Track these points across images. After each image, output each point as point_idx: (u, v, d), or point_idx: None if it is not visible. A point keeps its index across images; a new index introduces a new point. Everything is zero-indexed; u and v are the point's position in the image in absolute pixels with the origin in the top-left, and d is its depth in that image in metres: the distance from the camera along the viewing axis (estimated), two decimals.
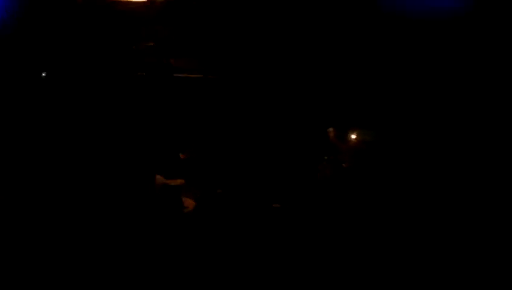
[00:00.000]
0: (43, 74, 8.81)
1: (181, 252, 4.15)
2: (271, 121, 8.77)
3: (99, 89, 8.82)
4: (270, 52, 8.72)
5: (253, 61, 8.84)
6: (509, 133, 7.31)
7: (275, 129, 8.72)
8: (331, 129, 8.17)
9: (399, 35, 7.97)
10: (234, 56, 8.91)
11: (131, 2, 8.59)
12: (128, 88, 9.06)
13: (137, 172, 7.92)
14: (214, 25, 8.70)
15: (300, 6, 8.38)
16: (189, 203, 7.44)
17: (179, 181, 8.25)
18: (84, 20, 8.60)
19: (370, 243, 4.80)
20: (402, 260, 4.16)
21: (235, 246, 4.39)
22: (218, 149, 8.83)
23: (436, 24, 7.79)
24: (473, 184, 6.85)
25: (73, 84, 8.90)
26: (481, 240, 4.65)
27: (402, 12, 7.83)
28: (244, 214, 7.23)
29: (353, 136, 8.23)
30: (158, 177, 8.04)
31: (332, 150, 8.05)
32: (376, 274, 3.90)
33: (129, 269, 3.80)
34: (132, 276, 3.75)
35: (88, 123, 8.40)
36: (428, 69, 7.90)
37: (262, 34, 8.61)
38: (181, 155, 8.54)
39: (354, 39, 8.27)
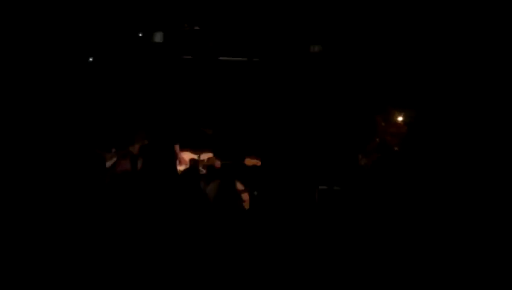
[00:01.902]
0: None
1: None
2: (314, 105, 8.75)
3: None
4: (312, 37, 8.66)
5: (296, 45, 8.79)
6: None
7: (319, 113, 8.71)
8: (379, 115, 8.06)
9: None
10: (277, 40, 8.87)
11: None
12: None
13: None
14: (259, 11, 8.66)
15: None
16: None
17: (207, 157, 8.40)
18: None
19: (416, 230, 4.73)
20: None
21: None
22: (259, 130, 8.85)
23: None
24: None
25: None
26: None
27: None
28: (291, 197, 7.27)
29: (400, 118, 8.12)
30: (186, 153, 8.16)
31: (380, 134, 7.96)
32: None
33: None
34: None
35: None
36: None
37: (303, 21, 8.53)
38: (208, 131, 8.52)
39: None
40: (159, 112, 8.95)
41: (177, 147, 8.33)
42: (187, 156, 8.35)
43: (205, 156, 8.34)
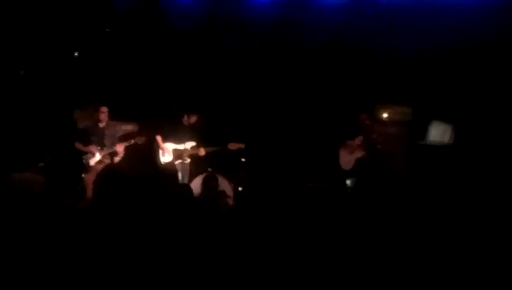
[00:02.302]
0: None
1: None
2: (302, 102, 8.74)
3: None
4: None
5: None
6: None
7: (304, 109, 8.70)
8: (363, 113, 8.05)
9: None
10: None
11: None
12: None
13: None
14: None
15: None
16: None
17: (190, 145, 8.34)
18: None
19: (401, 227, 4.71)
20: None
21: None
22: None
23: None
24: None
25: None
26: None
27: None
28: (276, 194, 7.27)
29: (385, 115, 8.12)
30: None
31: (365, 132, 7.95)
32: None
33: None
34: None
35: None
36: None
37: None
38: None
39: None
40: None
41: (159, 138, 8.35)
42: (170, 146, 8.32)
43: (188, 145, 8.28)
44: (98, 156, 7.88)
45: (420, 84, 7.88)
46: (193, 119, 8.30)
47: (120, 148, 7.92)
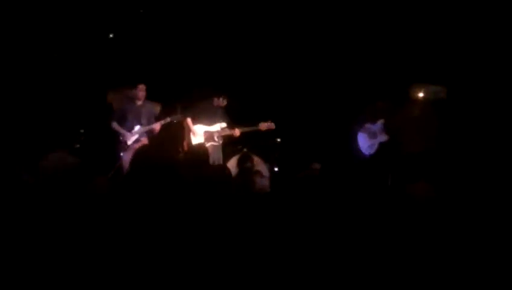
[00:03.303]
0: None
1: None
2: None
3: None
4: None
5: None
6: None
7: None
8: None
9: None
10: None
11: None
12: None
13: None
14: None
15: None
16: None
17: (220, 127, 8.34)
18: None
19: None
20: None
21: None
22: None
23: None
24: None
25: None
26: None
27: None
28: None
29: (420, 94, 8.00)
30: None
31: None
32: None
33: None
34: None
35: None
36: None
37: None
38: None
39: None
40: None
41: (189, 121, 8.35)
42: (201, 128, 8.35)
43: (219, 126, 8.31)
44: (136, 136, 7.94)
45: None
46: (224, 102, 8.27)
47: (157, 126, 7.96)
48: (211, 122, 8.30)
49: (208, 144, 8.19)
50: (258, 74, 9.01)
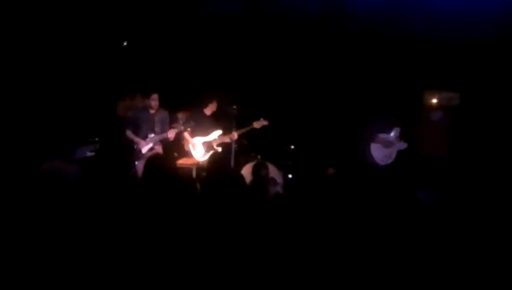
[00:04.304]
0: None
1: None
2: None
3: None
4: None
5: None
6: None
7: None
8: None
9: None
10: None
11: None
12: None
13: None
14: None
15: None
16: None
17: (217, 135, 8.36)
18: None
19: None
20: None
21: None
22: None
23: None
24: None
25: None
26: None
27: None
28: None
29: (434, 101, 7.98)
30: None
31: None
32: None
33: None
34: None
35: None
36: None
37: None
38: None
39: None
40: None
41: (187, 134, 8.34)
42: (198, 141, 8.39)
43: (215, 134, 8.38)
44: (150, 144, 7.97)
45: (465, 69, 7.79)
46: (214, 106, 8.37)
47: (171, 134, 7.99)
48: (206, 132, 8.38)
49: (209, 154, 8.13)
50: (272, 81, 9.01)
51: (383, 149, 7.89)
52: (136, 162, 7.91)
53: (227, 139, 8.34)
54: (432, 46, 8.05)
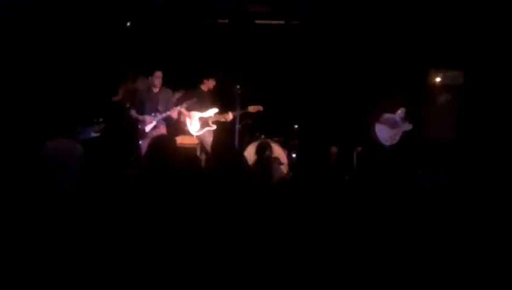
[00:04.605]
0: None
1: None
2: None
3: None
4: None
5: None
6: None
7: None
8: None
9: None
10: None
11: None
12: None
13: None
14: None
15: None
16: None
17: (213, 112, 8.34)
18: None
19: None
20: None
21: None
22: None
23: None
24: None
25: None
26: None
27: None
28: None
29: (438, 79, 7.93)
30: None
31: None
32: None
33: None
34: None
35: None
36: None
37: None
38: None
39: None
40: None
41: (183, 109, 8.23)
42: (196, 115, 8.34)
43: (211, 111, 8.33)
44: (153, 123, 7.95)
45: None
46: (211, 83, 8.35)
47: (174, 113, 7.96)
48: (203, 108, 8.33)
49: (204, 130, 8.30)
50: (278, 61, 8.97)
51: (388, 130, 7.85)
52: (140, 142, 7.90)
53: (222, 119, 8.31)
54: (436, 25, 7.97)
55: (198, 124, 8.31)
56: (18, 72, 8.11)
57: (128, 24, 9.06)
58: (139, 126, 7.96)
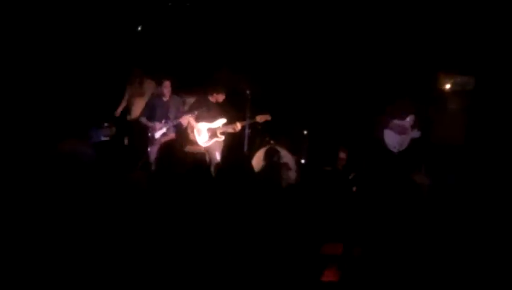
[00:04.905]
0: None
1: None
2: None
3: None
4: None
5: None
6: None
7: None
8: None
9: None
10: None
11: None
12: None
13: None
14: None
15: None
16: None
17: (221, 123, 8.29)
18: None
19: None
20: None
21: None
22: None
23: None
24: None
25: None
26: None
27: None
28: None
29: (448, 86, 7.91)
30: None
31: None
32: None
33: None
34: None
35: None
36: None
37: None
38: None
39: None
40: None
41: (192, 119, 8.21)
42: (203, 126, 8.28)
43: (219, 122, 8.26)
44: (163, 129, 8.00)
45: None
46: (221, 97, 8.26)
47: (184, 121, 8.01)
48: (211, 119, 8.26)
49: (212, 140, 8.24)
50: (284, 67, 8.98)
51: (396, 136, 7.82)
52: (149, 148, 7.95)
53: (230, 130, 8.24)
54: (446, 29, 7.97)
55: (206, 135, 8.26)
56: (31, 74, 8.19)
57: (139, 28, 9.13)
58: (149, 133, 8.03)
